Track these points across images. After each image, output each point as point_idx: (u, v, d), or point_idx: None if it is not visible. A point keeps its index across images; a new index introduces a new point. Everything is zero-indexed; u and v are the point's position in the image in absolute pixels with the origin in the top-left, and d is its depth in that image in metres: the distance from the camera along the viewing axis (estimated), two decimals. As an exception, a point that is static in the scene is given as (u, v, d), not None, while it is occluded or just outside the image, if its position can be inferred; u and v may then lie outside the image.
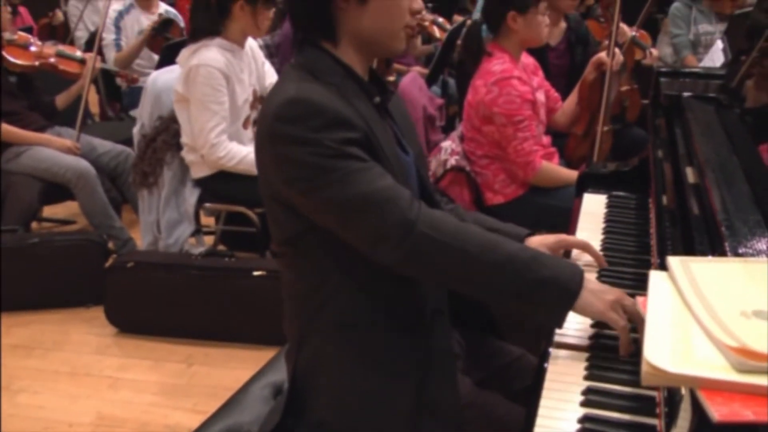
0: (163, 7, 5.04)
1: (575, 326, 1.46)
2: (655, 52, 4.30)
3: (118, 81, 4.90)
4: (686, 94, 2.21)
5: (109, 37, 4.83)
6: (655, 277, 1.12)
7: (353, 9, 1.47)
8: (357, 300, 1.52)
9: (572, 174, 2.80)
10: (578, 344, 1.43)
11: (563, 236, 1.74)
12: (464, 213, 1.79)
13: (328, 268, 1.50)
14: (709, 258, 1.22)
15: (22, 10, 5.84)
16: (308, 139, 1.38)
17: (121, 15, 4.87)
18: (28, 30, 4.78)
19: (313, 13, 1.50)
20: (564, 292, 1.37)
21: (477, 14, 3.26)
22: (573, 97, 3.36)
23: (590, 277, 1.50)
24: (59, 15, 5.62)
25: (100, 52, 4.69)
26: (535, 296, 1.38)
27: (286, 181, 1.44)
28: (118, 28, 4.84)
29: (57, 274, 3.49)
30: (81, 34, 5.67)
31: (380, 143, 1.47)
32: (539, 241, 1.70)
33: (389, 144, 1.51)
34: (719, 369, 0.87)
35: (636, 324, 1.37)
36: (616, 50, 3.34)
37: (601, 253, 1.76)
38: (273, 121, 1.42)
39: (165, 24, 4.72)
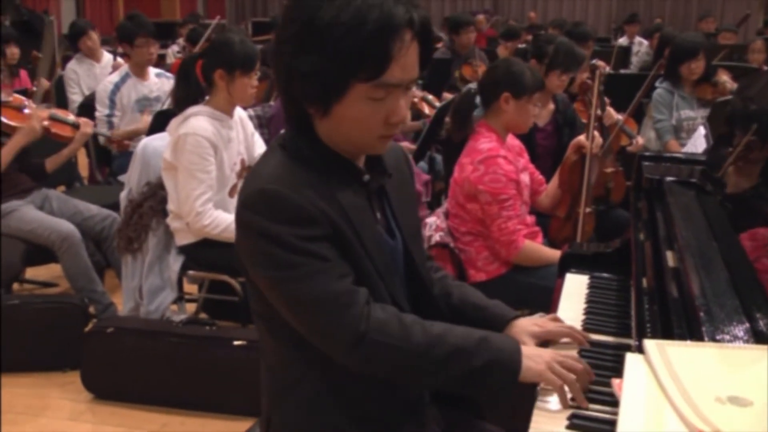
0: (154, 71, 5.07)
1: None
2: (641, 140, 4.37)
3: (109, 145, 4.91)
4: (668, 178, 2.25)
5: (102, 111, 4.82)
6: (631, 359, 1.12)
7: (320, 117, 1.47)
8: (322, 388, 1.52)
9: (555, 254, 2.81)
10: None
11: (548, 327, 1.71)
12: (451, 284, 1.80)
13: (296, 352, 1.51)
14: (686, 342, 1.23)
15: (22, 73, 5.91)
16: (271, 232, 1.41)
17: (117, 87, 4.86)
18: (24, 93, 4.82)
19: (292, 110, 1.50)
20: (508, 372, 1.46)
21: (474, 86, 3.33)
22: (556, 179, 3.40)
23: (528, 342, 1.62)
24: (44, 83, 5.69)
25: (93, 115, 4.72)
26: (483, 381, 1.47)
27: (249, 265, 1.48)
28: (112, 102, 4.83)
29: (35, 337, 3.45)
30: (75, 98, 5.72)
31: (358, 234, 1.48)
32: (523, 328, 1.68)
33: (370, 232, 1.52)
34: (692, 455, 0.87)
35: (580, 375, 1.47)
36: (595, 133, 3.40)
37: (582, 331, 1.77)
38: (241, 207, 1.46)
39: None
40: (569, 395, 1.45)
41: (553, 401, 1.47)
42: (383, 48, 1.37)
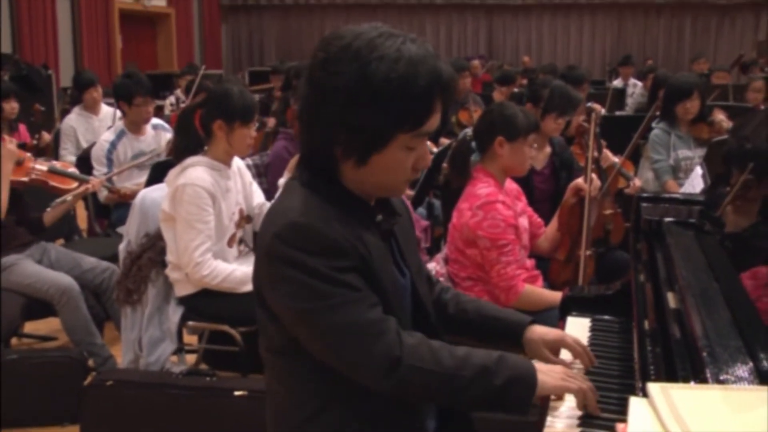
0: (151, 123, 5.05)
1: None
2: (638, 182, 4.38)
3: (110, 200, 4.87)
4: (667, 219, 2.25)
5: (100, 170, 4.78)
6: (635, 404, 1.11)
7: (352, 166, 1.50)
8: (346, 415, 1.52)
9: (556, 297, 2.80)
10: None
11: (562, 336, 1.80)
12: (465, 301, 1.86)
13: (318, 381, 1.53)
14: (690, 385, 1.22)
15: (21, 127, 5.96)
16: (305, 263, 1.43)
17: (113, 146, 4.83)
18: (23, 146, 4.83)
19: (316, 155, 1.53)
20: (527, 387, 1.50)
21: (470, 131, 3.34)
22: (555, 223, 3.40)
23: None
24: (45, 137, 5.73)
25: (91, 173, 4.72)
26: (504, 398, 1.50)
27: (278, 299, 1.48)
28: (110, 161, 4.80)
29: (33, 391, 3.41)
30: (65, 154, 5.71)
31: (377, 270, 1.51)
32: (540, 335, 1.77)
33: (387, 268, 1.56)
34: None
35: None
36: (593, 176, 3.40)
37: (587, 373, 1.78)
38: (273, 239, 1.46)
39: None
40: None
41: (558, 427, 1.48)
42: (431, 101, 1.45)
